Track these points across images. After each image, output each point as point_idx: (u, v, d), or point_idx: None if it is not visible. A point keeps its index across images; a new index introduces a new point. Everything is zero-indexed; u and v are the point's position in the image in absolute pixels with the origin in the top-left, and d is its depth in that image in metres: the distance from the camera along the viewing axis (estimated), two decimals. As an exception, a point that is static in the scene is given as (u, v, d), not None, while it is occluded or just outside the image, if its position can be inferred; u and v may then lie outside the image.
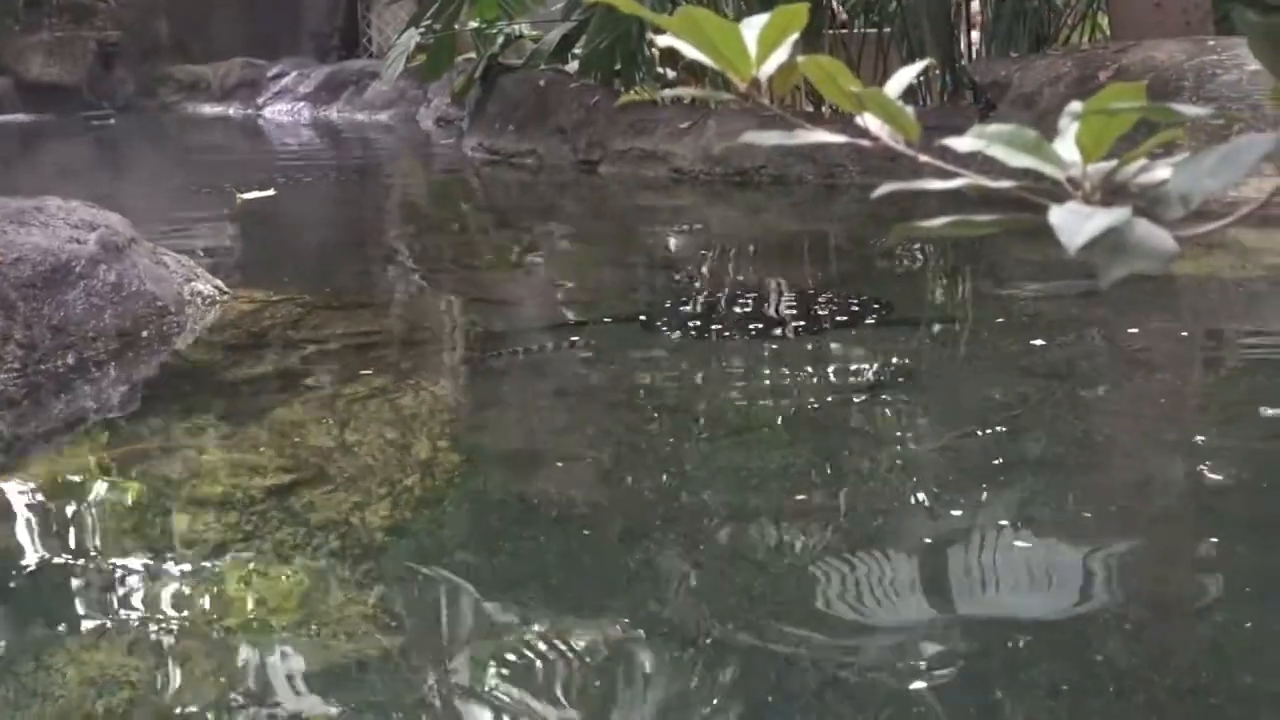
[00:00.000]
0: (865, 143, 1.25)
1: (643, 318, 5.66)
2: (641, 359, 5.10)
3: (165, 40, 20.39)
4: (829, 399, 4.49)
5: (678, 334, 5.37)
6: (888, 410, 4.42)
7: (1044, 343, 5.02)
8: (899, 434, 4.24)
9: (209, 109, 18.49)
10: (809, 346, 5.14)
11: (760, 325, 5.44)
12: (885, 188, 1.25)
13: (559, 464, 4.06)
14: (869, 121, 1.28)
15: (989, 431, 4.12)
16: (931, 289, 6.30)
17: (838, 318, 5.46)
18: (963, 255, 6.95)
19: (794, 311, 5.64)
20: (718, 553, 3.39)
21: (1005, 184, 1.27)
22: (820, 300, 5.75)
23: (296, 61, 19.70)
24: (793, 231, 7.89)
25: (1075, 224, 1.14)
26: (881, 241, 7.29)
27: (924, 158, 1.26)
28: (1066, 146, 1.23)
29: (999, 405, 4.39)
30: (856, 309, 5.58)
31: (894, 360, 4.92)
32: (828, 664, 2.84)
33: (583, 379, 4.88)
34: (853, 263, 6.98)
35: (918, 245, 7.19)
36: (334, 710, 2.76)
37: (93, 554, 3.44)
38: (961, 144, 1.26)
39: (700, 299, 6.08)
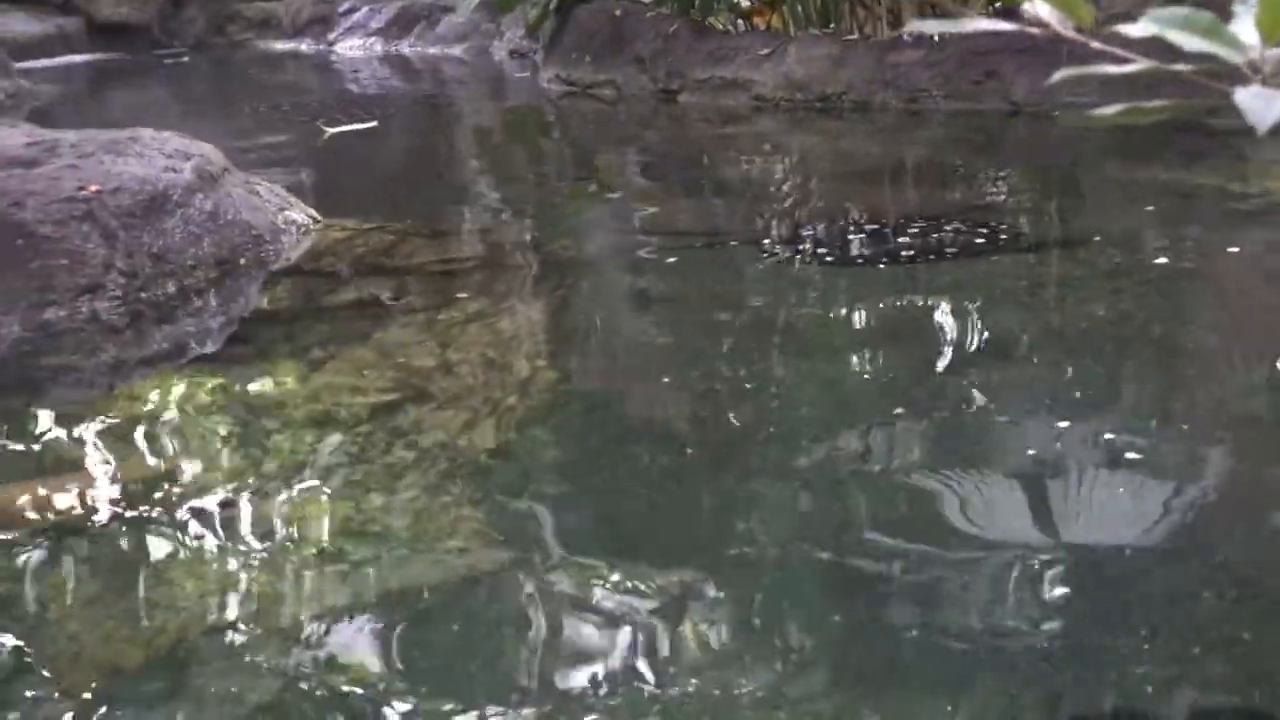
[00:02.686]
0: (1034, 30, 1.24)
1: (734, 243, 5.66)
2: (737, 283, 5.10)
3: (235, -23, 20.41)
4: (935, 323, 4.49)
5: (771, 258, 5.36)
6: (998, 333, 4.41)
7: (1166, 261, 5.00)
8: (1010, 354, 4.23)
9: (280, 45, 18.46)
10: (912, 271, 5.11)
11: (847, 249, 5.43)
12: (1060, 74, 1.24)
13: (659, 383, 4.08)
14: (1038, 8, 1.27)
15: (1103, 350, 4.13)
16: (1038, 214, 6.23)
17: (935, 242, 5.43)
18: (1060, 179, 6.92)
19: (887, 236, 5.61)
20: (820, 471, 3.40)
21: (1181, 67, 1.25)
22: (913, 225, 5.72)
23: (369, -5, 19.67)
24: (878, 157, 7.84)
25: (1263, 105, 1.13)
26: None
27: (1096, 44, 1.25)
28: (1244, 29, 1.21)
29: (1106, 321, 4.39)
30: (952, 233, 5.55)
31: (1004, 283, 4.89)
32: (928, 583, 2.85)
33: (677, 301, 4.88)
34: (943, 187, 6.93)
35: (1013, 173, 7.15)
36: (451, 625, 2.79)
37: (202, 475, 3.48)
38: (1135, 29, 1.25)
39: (783, 225, 6.06)
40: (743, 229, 5.95)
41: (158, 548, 3.14)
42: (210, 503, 3.32)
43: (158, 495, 3.36)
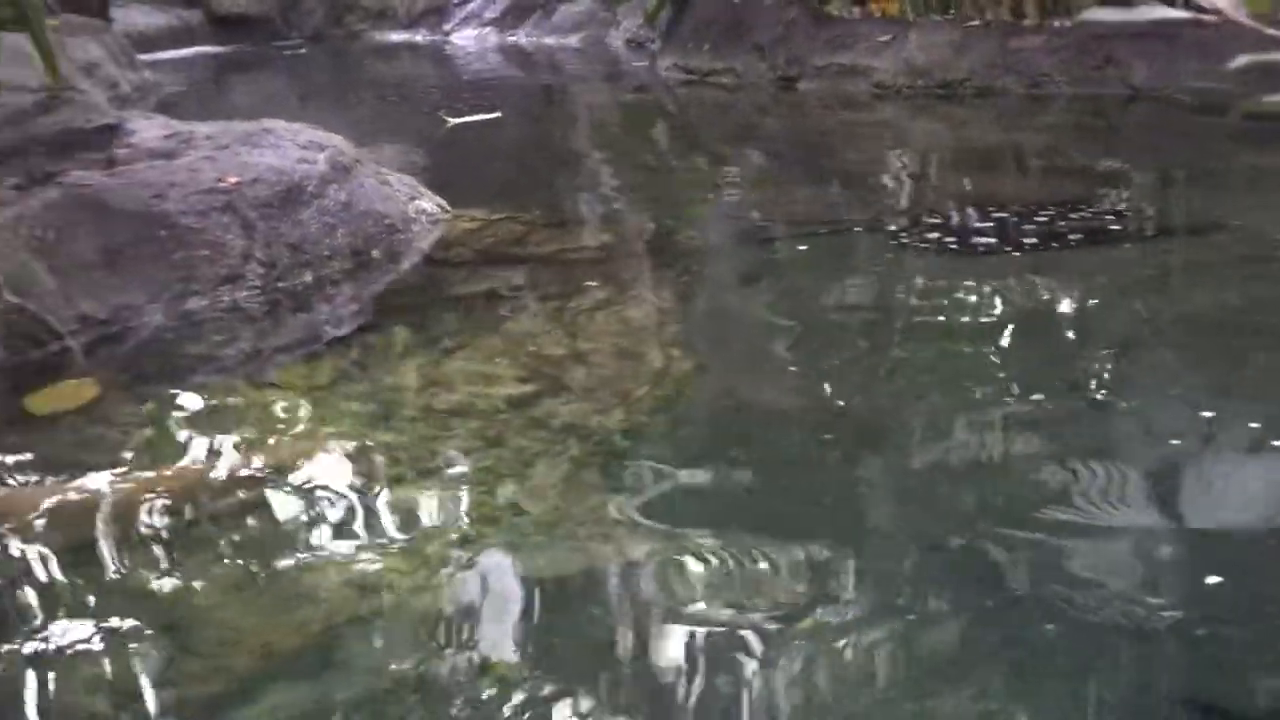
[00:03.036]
0: (1208, 18, 1.26)
1: (857, 230, 5.66)
2: (861, 270, 5.11)
3: (353, -31, 20.58)
4: (1070, 308, 4.47)
5: (894, 245, 5.36)
6: (1128, 321, 4.39)
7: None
8: (1142, 341, 4.21)
9: (396, 36, 18.61)
10: (1038, 258, 5.08)
11: (971, 236, 5.41)
12: (1242, 59, 1.25)
13: (790, 369, 4.10)
14: (1210, -3, 1.28)
15: (1238, 337, 4.10)
16: (1163, 200, 6.19)
17: (1067, 230, 5.40)
18: (1185, 164, 6.85)
19: (1011, 223, 5.58)
20: (954, 456, 3.41)
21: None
22: (1037, 211, 5.68)
23: (482, -14, 19.76)
24: (999, 143, 7.80)
25: None
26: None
27: (1270, 31, 1.26)
28: None
29: (1239, 309, 4.36)
30: (1078, 220, 5.51)
31: (1133, 270, 4.86)
32: (1061, 567, 2.86)
33: (803, 288, 4.89)
34: (1066, 173, 6.88)
35: (1136, 158, 7.09)
36: (595, 611, 2.83)
37: (341, 462, 3.54)
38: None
39: (906, 212, 6.06)
40: (865, 216, 5.95)
41: (301, 534, 3.21)
42: (350, 490, 3.39)
43: (298, 482, 3.43)
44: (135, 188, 4.80)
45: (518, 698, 2.56)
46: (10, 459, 3.72)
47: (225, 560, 3.09)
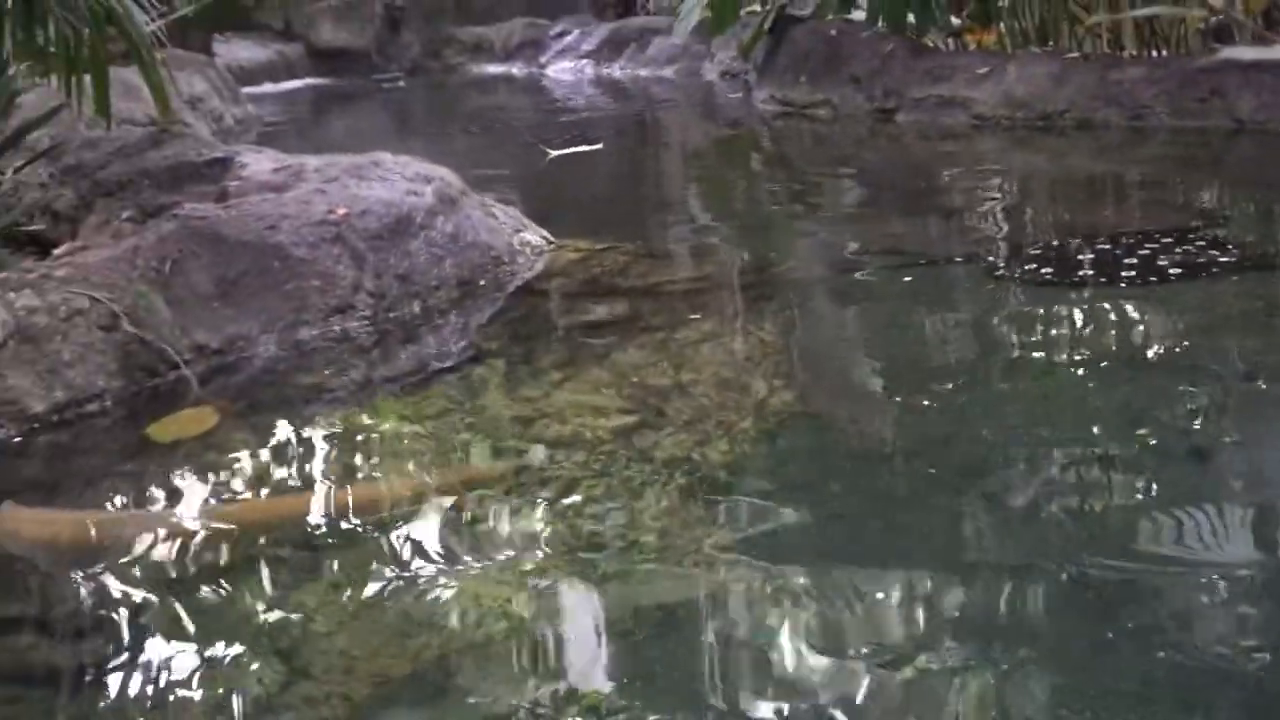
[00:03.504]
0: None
1: (956, 262, 5.67)
2: (961, 304, 5.12)
3: (448, 2, 20.76)
4: (1173, 343, 4.47)
5: (993, 279, 5.36)
6: (1231, 357, 4.37)
7: None
8: (1245, 378, 4.19)
9: (493, 69, 18.73)
10: (1140, 291, 5.05)
11: (1071, 269, 5.40)
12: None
13: (891, 402, 4.12)
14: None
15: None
16: (1268, 234, 6.15)
17: (1170, 263, 5.37)
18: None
19: (1111, 255, 5.57)
20: (1054, 494, 3.42)
21: None
22: (1139, 244, 5.66)
23: (577, 20, 19.88)
24: (1100, 175, 7.78)
25: None
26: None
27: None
28: None
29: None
30: (1180, 253, 5.48)
31: (1238, 304, 4.84)
32: (1165, 604, 2.86)
33: (903, 322, 4.91)
34: (1168, 205, 6.85)
35: (1239, 191, 7.04)
36: (699, 641, 2.86)
37: (451, 491, 3.59)
38: None
39: (1005, 245, 6.06)
40: (964, 248, 5.96)
41: (413, 562, 3.26)
42: (461, 519, 3.44)
43: (410, 511, 3.49)
44: (248, 220, 4.89)
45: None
46: (133, 485, 3.82)
47: (339, 587, 3.14)
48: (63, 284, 4.36)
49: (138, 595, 3.19)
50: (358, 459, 3.87)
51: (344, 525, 3.46)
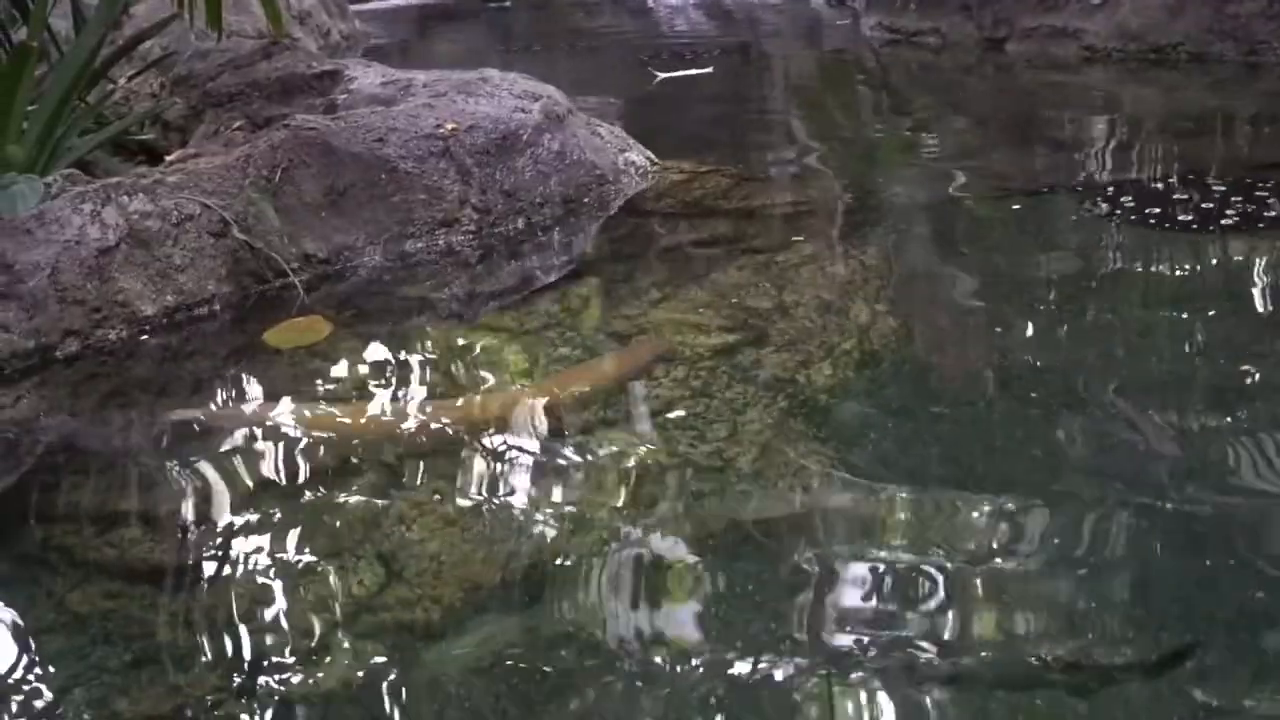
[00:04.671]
0: None
1: (1058, 194, 5.61)
2: (1062, 236, 5.07)
3: (553, -76, 20.62)
4: (1270, 283, 4.41)
5: (1096, 213, 5.30)
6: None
7: None
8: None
9: (597, -8, 18.61)
10: (1254, 230, 4.97)
11: (1175, 207, 5.33)
12: None
13: (992, 330, 4.10)
14: None
15: None
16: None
17: (1273, 203, 5.29)
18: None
19: (1218, 194, 5.48)
20: (1151, 423, 3.40)
21: None
22: (1249, 184, 5.57)
23: (685, -57, 19.70)
24: (1212, 111, 7.64)
25: None
26: None
27: None
28: None
29: None
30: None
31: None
32: (1256, 538, 2.85)
33: (1003, 250, 4.87)
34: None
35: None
36: (797, 554, 2.88)
37: (549, 405, 3.61)
38: None
39: (1110, 179, 5.98)
40: (1070, 181, 5.89)
41: (510, 473, 3.30)
42: (558, 432, 3.48)
43: (509, 424, 3.52)
44: (357, 132, 4.93)
45: (717, 637, 2.62)
46: (245, 388, 3.89)
47: (437, 495, 3.19)
48: (175, 190, 4.42)
49: (242, 496, 3.25)
50: (460, 371, 3.91)
51: (443, 436, 3.49)
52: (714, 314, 4.18)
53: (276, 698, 2.54)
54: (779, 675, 2.50)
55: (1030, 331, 4.02)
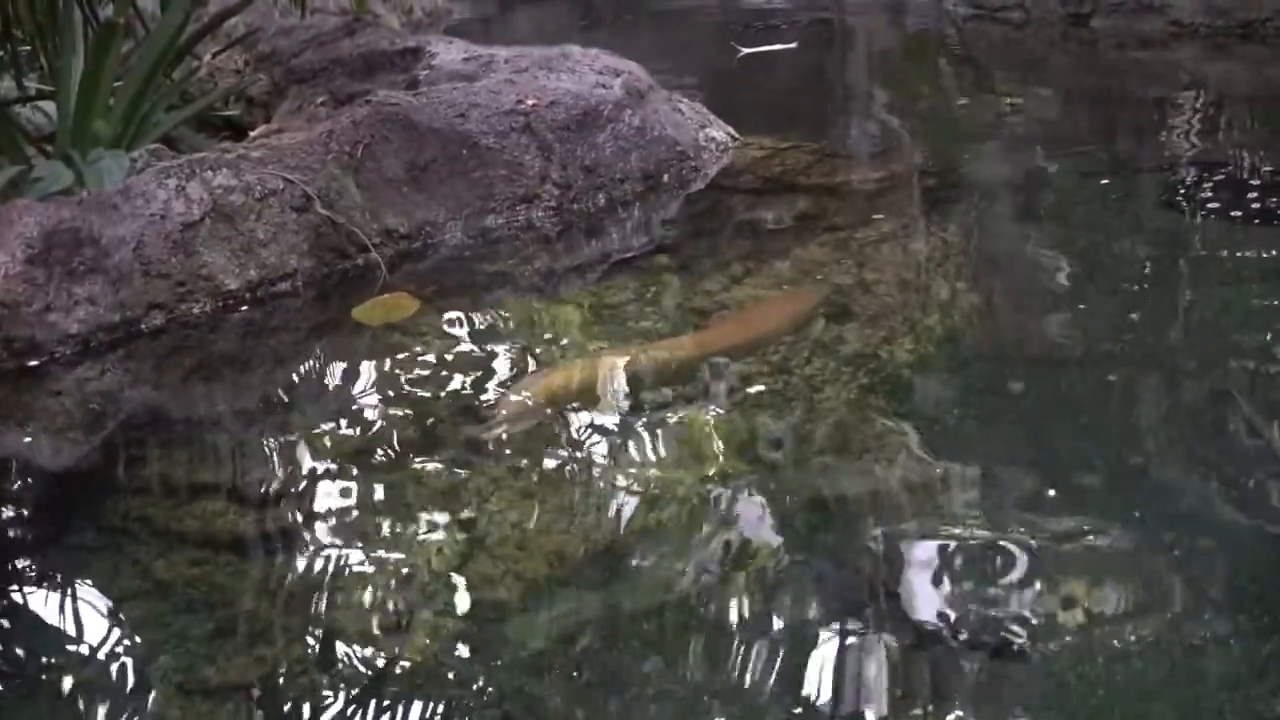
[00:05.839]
0: None
1: (1142, 174, 5.56)
2: (1145, 215, 5.02)
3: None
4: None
5: (1183, 192, 5.24)
6: None
7: None
8: None
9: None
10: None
11: (1254, 187, 5.25)
12: None
13: (1074, 308, 4.07)
14: None
15: None
16: None
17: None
18: None
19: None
20: (1235, 404, 3.36)
21: None
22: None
23: (766, -82, 19.62)
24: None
25: None
26: None
27: None
28: None
29: None
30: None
31: None
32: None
33: (1086, 228, 4.82)
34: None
35: None
36: (874, 531, 2.88)
37: (632, 380, 3.61)
38: None
39: (1195, 158, 5.91)
40: (1155, 160, 5.83)
41: (591, 446, 3.31)
42: (639, 407, 3.48)
43: (591, 398, 3.53)
44: (439, 107, 4.94)
45: (796, 612, 2.62)
46: (328, 364, 3.92)
47: (520, 468, 3.20)
48: (258, 165, 4.46)
49: (325, 467, 3.28)
50: (542, 347, 3.92)
51: (526, 408, 3.50)
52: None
53: (358, 669, 2.56)
54: (859, 651, 2.49)
55: (1114, 310, 3.99)
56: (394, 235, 4.59)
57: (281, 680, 2.53)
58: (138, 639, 2.71)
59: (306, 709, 2.46)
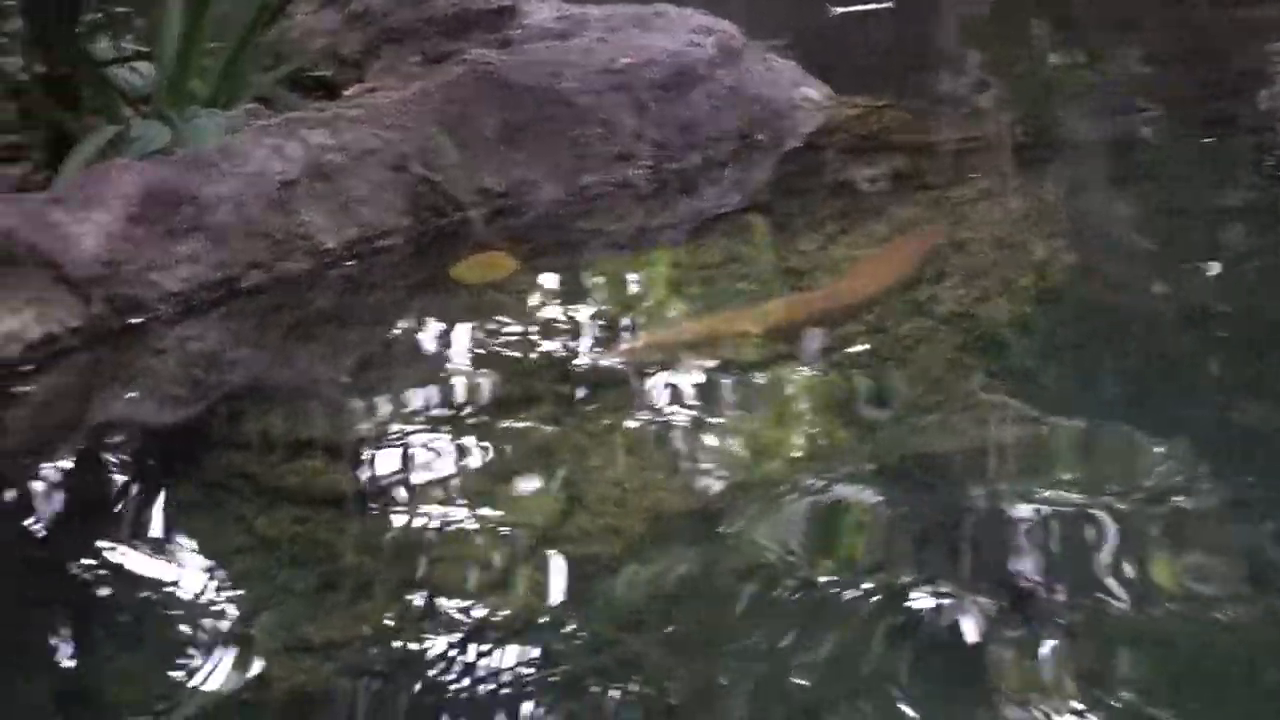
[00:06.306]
0: None
1: (1244, 134, 5.49)
2: (1246, 173, 4.96)
3: None
4: None
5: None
6: None
7: None
8: None
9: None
10: None
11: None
12: None
13: (1175, 269, 4.04)
14: None
15: None
16: None
17: None
18: None
19: None
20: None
21: None
22: None
23: None
24: None
25: None
26: None
27: None
28: None
29: None
30: None
31: None
32: None
33: (1186, 190, 4.76)
34: None
35: None
36: (972, 491, 2.88)
37: (731, 337, 3.62)
38: None
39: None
40: (1258, 121, 5.76)
41: (691, 401, 3.34)
42: (739, 363, 3.50)
43: (688, 355, 3.55)
44: (533, 66, 4.94)
45: (893, 572, 2.63)
46: (425, 321, 3.96)
47: (618, 423, 3.23)
48: (355, 124, 4.48)
49: (423, 424, 3.32)
50: (640, 305, 3.94)
51: (623, 366, 3.53)
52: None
53: (457, 626, 2.59)
54: (956, 613, 2.50)
55: (1214, 271, 3.95)
56: (489, 194, 4.60)
57: (382, 637, 2.56)
58: (242, 593, 2.76)
59: (407, 665, 2.49)
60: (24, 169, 4.58)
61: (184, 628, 2.66)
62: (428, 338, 3.87)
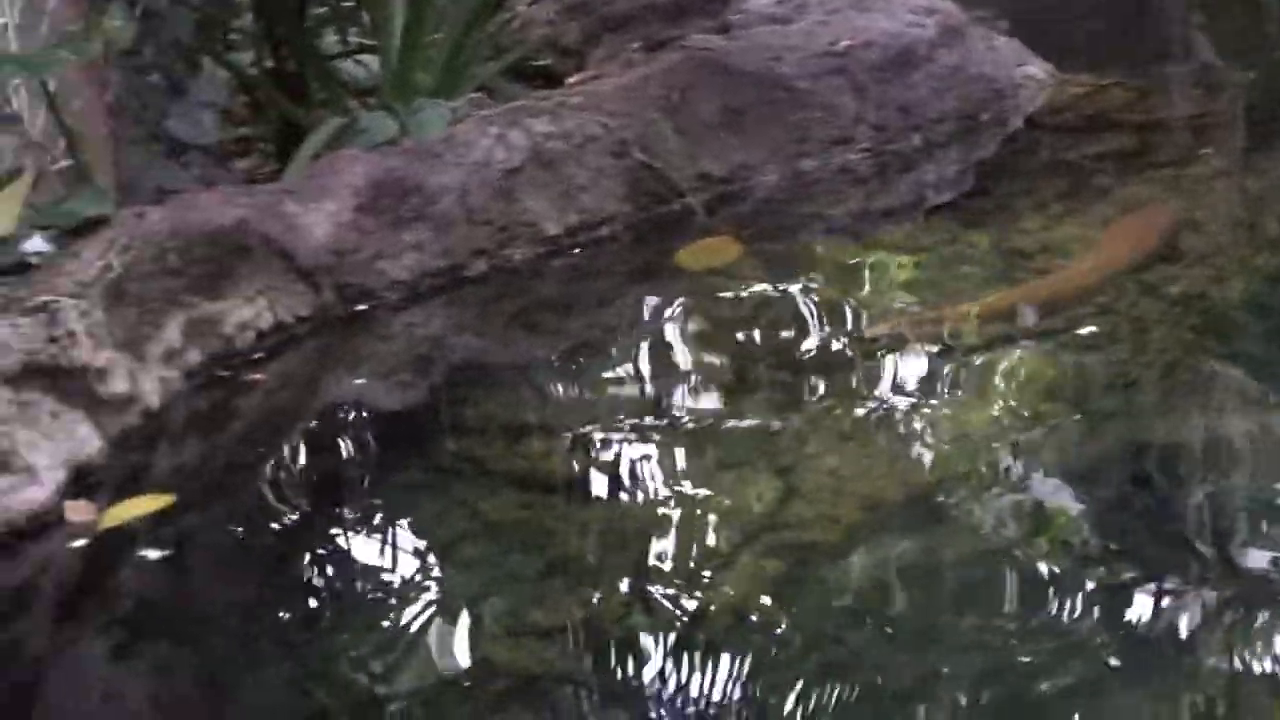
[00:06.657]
0: None
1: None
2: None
3: None
4: None
5: None
6: None
7: None
8: None
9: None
10: None
11: None
12: None
13: None
14: None
15: None
16: None
17: None
18: None
19: None
20: None
21: None
22: None
23: None
24: None
25: None
26: None
27: None
28: None
29: None
30: None
31: None
32: None
33: None
34: None
35: None
36: (1205, 480, 2.83)
37: (953, 322, 3.57)
38: None
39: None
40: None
41: (903, 386, 3.32)
42: (949, 348, 3.45)
43: (912, 339, 3.51)
44: (752, 51, 4.93)
45: (1117, 566, 2.60)
46: (653, 307, 3.98)
47: (835, 410, 3.21)
48: (576, 111, 4.52)
49: (646, 410, 3.34)
50: (864, 290, 3.91)
51: (840, 350, 3.51)
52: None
53: (679, 612, 2.60)
54: (1184, 607, 2.44)
55: None
56: (710, 179, 4.60)
57: (606, 622, 2.58)
58: (469, 578, 2.80)
59: (628, 650, 2.51)
60: (254, 161, 4.71)
61: (411, 611, 2.71)
62: (650, 324, 3.89)
